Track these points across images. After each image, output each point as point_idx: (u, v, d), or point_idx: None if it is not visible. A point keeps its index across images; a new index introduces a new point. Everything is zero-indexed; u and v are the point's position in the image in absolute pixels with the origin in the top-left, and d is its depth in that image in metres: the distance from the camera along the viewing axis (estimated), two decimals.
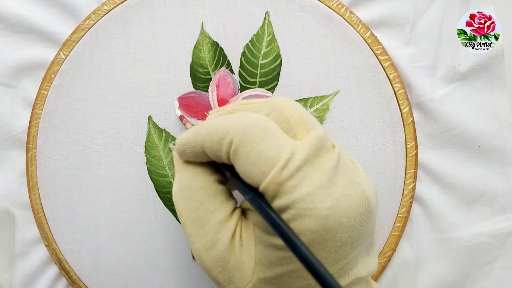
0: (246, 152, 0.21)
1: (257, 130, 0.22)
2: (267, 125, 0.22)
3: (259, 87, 0.35)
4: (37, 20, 0.36)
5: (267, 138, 0.22)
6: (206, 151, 0.23)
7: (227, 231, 0.23)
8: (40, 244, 0.35)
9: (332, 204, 0.21)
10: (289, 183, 0.21)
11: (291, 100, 0.24)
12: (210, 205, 0.24)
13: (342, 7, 0.36)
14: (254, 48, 0.35)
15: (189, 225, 0.24)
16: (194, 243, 0.23)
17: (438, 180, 0.36)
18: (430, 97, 0.36)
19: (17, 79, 0.36)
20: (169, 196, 0.35)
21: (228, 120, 0.23)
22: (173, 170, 0.35)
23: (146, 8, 0.35)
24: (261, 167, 0.21)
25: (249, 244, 0.23)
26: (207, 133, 0.23)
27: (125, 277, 0.34)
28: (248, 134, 0.22)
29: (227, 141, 0.22)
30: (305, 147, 0.22)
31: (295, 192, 0.21)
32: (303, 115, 0.24)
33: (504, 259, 0.35)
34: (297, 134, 0.23)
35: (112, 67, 0.35)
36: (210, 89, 0.35)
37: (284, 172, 0.21)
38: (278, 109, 0.24)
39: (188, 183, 0.24)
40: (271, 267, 0.22)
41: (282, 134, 0.22)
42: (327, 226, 0.21)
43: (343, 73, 0.35)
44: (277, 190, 0.21)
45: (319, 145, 0.22)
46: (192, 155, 0.24)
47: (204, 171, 0.24)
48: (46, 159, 0.35)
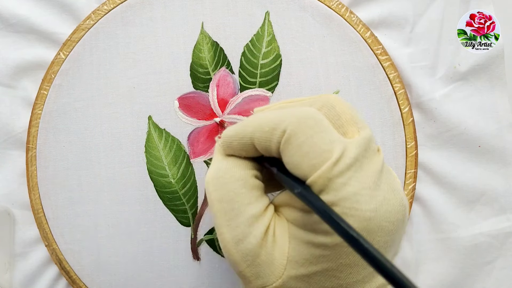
0: (299, 142, 0.21)
1: (311, 122, 0.22)
2: (321, 119, 0.22)
3: (259, 87, 0.35)
4: (37, 20, 0.36)
5: (321, 132, 0.22)
6: (255, 141, 0.23)
7: (261, 226, 0.23)
8: (40, 244, 0.35)
9: (376, 206, 0.21)
10: (339, 180, 0.21)
11: (341, 98, 0.25)
12: (246, 198, 0.23)
13: (342, 7, 0.36)
14: (254, 48, 0.35)
15: (221, 215, 0.23)
16: (224, 234, 0.23)
17: (438, 180, 0.36)
18: (430, 97, 0.36)
19: (17, 79, 0.36)
20: (169, 196, 0.35)
21: (281, 112, 0.23)
22: (173, 170, 0.35)
23: (146, 8, 0.35)
24: (312, 160, 0.21)
25: (282, 241, 0.23)
26: (258, 124, 0.23)
27: (125, 277, 0.34)
28: (302, 125, 0.22)
29: (280, 131, 0.22)
30: (356, 146, 0.22)
31: (343, 190, 0.21)
32: (354, 113, 0.24)
33: (504, 259, 0.35)
34: (348, 132, 0.23)
35: (112, 67, 0.35)
36: (210, 89, 0.35)
37: (336, 168, 0.21)
38: (330, 104, 0.24)
39: (226, 173, 0.24)
40: (305, 264, 0.22)
41: (334, 130, 0.22)
42: (369, 227, 0.21)
43: (343, 73, 0.35)
44: (325, 185, 0.21)
45: (368, 146, 0.22)
46: (238, 147, 0.24)
47: (244, 164, 0.24)
48: (46, 159, 0.35)
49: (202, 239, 0.35)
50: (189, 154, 0.35)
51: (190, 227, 0.35)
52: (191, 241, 0.35)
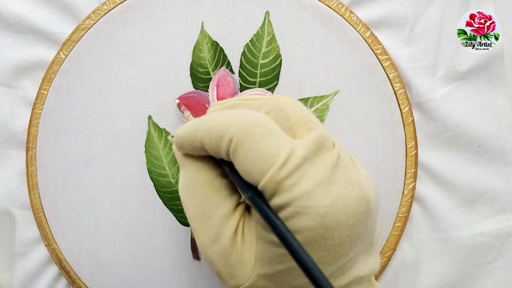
0: (245, 150, 0.22)
1: (257, 128, 0.22)
2: (267, 124, 0.22)
3: (259, 87, 0.35)
4: (37, 20, 0.36)
5: (267, 137, 0.22)
6: (206, 147, 0.23)
7: (230, 226, 0.24)
8: (40, 244, 0.35)
9: (331, 202, 0.21)
10: (288, 182, 0.21)
11: (293, 99, 0.24)
12: (214, 200, 0.24)
13: (342, 7, 0.36)
14: (254, 48, 0.35)
15: (194, 220, 0.24)
16: (199, 237, 0.24)
17: (438, 180, 0.36)
18: (430, 97, 0.36)
19: (17, 79, 0.36)
20: (169, 196, 0.35)
21: (228, 117, 0.23)
22: (173, 170, 0.35)
23: (146, 8, 0.36)
24: (260, 166, 0.21)
25: (250, 240, 0.24)
26: (207, 129, 0.23)
27: (125, 277, 0.34)
28: (248, 133, 0.22)
29: (227, 139, 0.22)
30: (304, 146, 0.22)
31: (293, 191, 0.21)
32: (304, 115, 0.24)
33: (504, 259, 0.35)
34: (297, 134, 0.23)
35: (112, 67, 0.35)
36: (210, 89, 0.35)
37: (283, 170, 0.21)
38: (279, 107, 0.24)
39: (192, 179, 0.24)
40: (270, 263, 0.23)
41: (282, 133, 0.22)
42: (325, 224, 0.21)
43: (343, 73, 0.35)
44: (275, 188, 0.21)
45: (319, 144, 0.22)
46: (191, 149, 0.24)
47: (206, 166, 0.24)
48: (46, 159, 0.35)
49: None
50: None
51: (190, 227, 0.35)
52: (191, 241, 0.35)
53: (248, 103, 0.25)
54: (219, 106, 0.26)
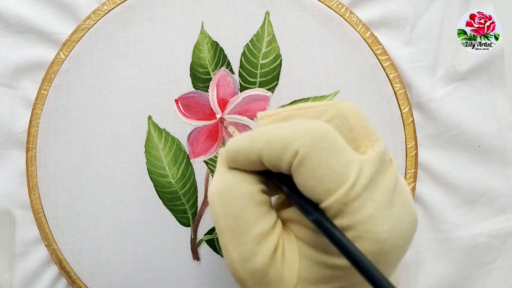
0: (313, 165, 0.20)
1: (325, 143, 0.21)
2: (335, 137, 0.21)
3: (259, 87, 0.35)
4: (37, 20, 0.36)
5: (336, 153, 0.21)
6: (264, 159, 0.22)
7: (269, 244, 0.22)
8: (40, 244, 0.35)
9: (391, 227, 0.20)
10: (355, 204, 0.20)
11: (354, 106, 0.23)
12: (253, 215, 0.22)
13: (342, 7, 0.36)
14: (254, 48, 0.35)
15: (227, 233, 0.22)
16: (230, 252, 0.22)
17: (438, 180, 0.36)
18: (430, 97, 0.36)
19: (17, 79, 0.36)
20: (169, 196, 0.35)
21: (291, 128, 0.21)
22: (173, 170, 0.35)
23: (146, 8, 0.35)
24: (327, 184, 0.20)
25: (292, 259, 0.22)
26: (267, 141, 0.22)
27: (125, 277, 0.34)
28: (316, 146, 0.21)
29: (292, 151, 0.21)
30: (371, 164, 0.21)
31: (359, 214, 0.20)
32: (367, 125, 0.23)
33: (504, 259, 0.35)
34: (361, 145, 0.22)
35: (112, 67, 0.35)
36: (210, 89, 0.35)
37: (352, 192, 0.20)
38: (342, 115, 0.22)
39: (231, 187, 0.22)
40: (316, 283, 0.22)
41: (348, 147, 0.21)
42: (384, 249, 0.20)
43: (343, 73, 0.35)
44: (340, 209, 0.20)
45: (382, 160, 0.22)
46: (245, 163, 0.22)
47: (250, 178, 0.23)
48: (46, 159, 0.35)
49: (202, 239, 0.35)
50: (189, 154, 0.35)
51: (190, 227, 0.35)
52: (191, 241, 0.35)
53: (304, 113, 0.23)
54: (270, 119, 0.24)
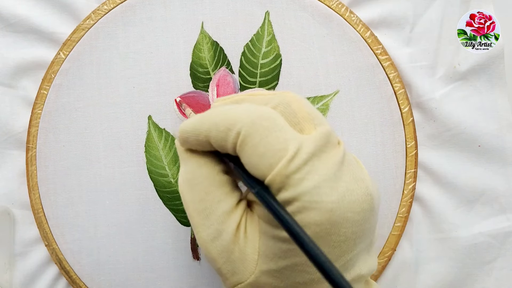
0: (254, 143, 0.21)
1: (266, 122, 0.22)
2: (275, 118, 0.22)
3: (259, 86, 0.35)
4: (37, 20, 0.36)
5: (275, 131, 0.22)
6: (211, 140, 0.23)
7: (232, 222, 0.23)
8: (40, 244, 0.35)
9: (338, 198, 0.21)
10: (296, 176, 0.21)
11: (298, 95, 0.24)
12: (216, 195, 0.23)
13: (342, 6, 0.36)
14: (254, 47, 0.35)
15: (195, 216, 0.24)
16: (200, 233, 0.24)
17: (438, 180, 0.36)
18: (430, 97, 0.36)
19: (17, 79, 0.36)
20: (169, 196, 0.35)
21: (236, 111, 0.23)
22: (173, 169, 0.35)
23: (146, 8, 0.36)
24: (268, 159, 0.21)
25: (253, 236, 0.23)
26: (214, 123, 0.23)
27: (125, 277, 0.34)
28: (257, 126, 0.22)
29: (235, 132, 0.22)
30: (312, 141, 0.22)
31: (301, 185, 0.21)
32: (310, 110, 0.24)
33: (504, 259, 0.35)
34: (304, 129, 0.23)
35: (112, 67, 0.35)
36: (210, 88, 0.35)
37: (291, 165, 0.21)
38: (285, 102, 0.24)
39: (193, 174, 0.24)
40: (274, 259, 0.23)
41: (289, 128, 0.22)
42: (332, 219, 0.21)
43: (343, 73, 0.35)
44: (283, 182, 0.21)
45: (326, 140, 0.22)
46: (195, 143, 0.24)
47: (209, 161, 0.24)
48: (46, 159, 0.35)
49: None
50: None
51: (190, 227, 0.35)
52: (191, 241, 0.35)
53: (253, 98, 0.25)
54: (223, 101, 0.26)
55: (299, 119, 0.23)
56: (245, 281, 0.23)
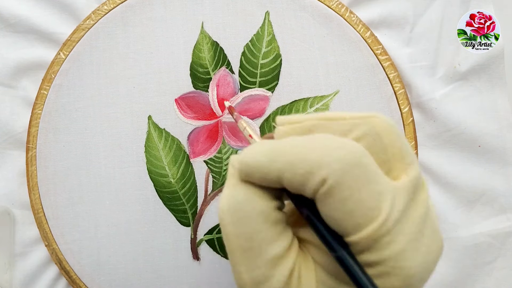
0: (343, 197, 0.18)
1: (358, 171, 0.19)
2: (368, 164, 0.19)
3: (259, 86, 0.35)
4: (37, 20, 0.36)
5: (369, 183, 0.19)
6: (284, 182, 0.20)
7: (285, 268, 0.20)
8: (40, 244, 0.35)
9: (420, 262, 0.19)
10: (385, 239, 0.19)
11: (390, 121, 0.21)
12: (268, 235, 0.20)
13: (342, 7, 0.36)
14: (254, 48, 0.35)
15: (239, 254, 0.20)
16: (241, 274, 0.20)
17: (438, 180, 0.36)
18: (430, 97, 0.36)
19: (17, 79, 0.36)
20: (169, 196, 0.35)
21: (318, 149, 0.19)
22: (173, 170, 0.35)
23: (146, 8, 0.36)
24: (358, 219, 0.18)
25: (308, 285, 0.21)
26: (289, 162, 0.19)
27: (125, 277, 0.34)
28: (348, 176, 0.18)
29: (319, 178, 0.18)
30: (404, 194, 0.19)
31: (389, 249, 0.19)
32: (402, 145, 0.20)
33: (504, 259, 0.35)
34: (393, 169, 0.20)
35: (112, 67, 0.35)
36: (210, 88, 0.35)
37: (384, 227, 0.18)
38: (375, 133, 0.20)
39: (245, 204, 0.20)
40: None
41: (380, 173, 0.19)
42: (411, 284, 0.19)
43: (343, 73, 0.35)
44: (370, 245, 0.19)
45: (416, 187, 0.20)
46: (260, 180, 0.20)
47: (265, 194, 0.20)
48: (46, 159, 0.35)
49: (202, 239, 0.35)
50: (189, 154, 0.35)
51: (190, 227, 0.35)
52: (191, 241, 0.35)
53: (331, 125, 0.21)
54: (291, 127, 0.22)
55: (389, 157, 0.20)
56: None
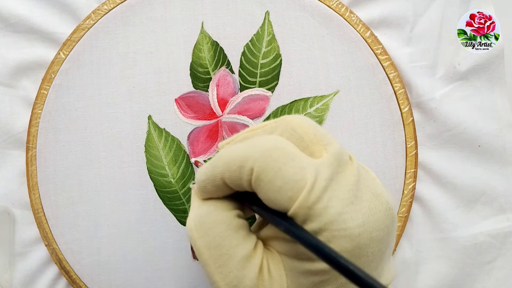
0: (269, 178, 0.21)
1: (277, 153, 0.21)
2: (285, 147, 0.21)
3: (259, 86, 0.35)
4: (37, 20, 0.36)
5: (289, 161, 0.21)
6: (226, 181, 0.22)
7: (254, 266, 0.22)
8: (40, 244, 0.35)
9: (363, 220, 0.21)
10: (319, 206, 0.20)
11: (301, 116, 0.24)
12: (233, 240, 0.22)
13: (342, 6, 0.36)
14: (254, 47, 0.35)
15: (211, 263, 0.22)
16: (217, 282, 0.22)
17: (438, 180, 0.36)
18: (430, 97, 0.36)
19: (17, 79, 0.36)
20: (169, 196, 0.35)
21: (244, 147, 0.22)
22: (173, 169, 0.35)
23: (146, 8, 0.36)
24: (287, 192, 0.20)
25: (279, 275, 0.22)
26: (225, 163, 0.22)
27: (125, 277, 0.34)
28: (268, 159, 0.21)
29: (247, 169, 0.21)
30: (326, 165, 0.21)
31: (326, 214, 0.20)
32: (316, 131, 0.23)
33: (504, 259, 0.35)
34: (314, 152, 0.22)
35: (112, 66, 0.35)
36: (210, 88, 0.35)
37: (312, 195, 0.20)
38: (290, 128, 0.23)
39: (208, 217, 0.23)
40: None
41: (301, 154, 0.22)
42: (361, 243, 0.20)
43: (343, 73, 0.35)
44: (307, 214, 0.20)
45: (339, 159, 0.22)
46: (213, 189, 0.23)
47: (224, 205, 0.23)
48: (46, 159, 0.35)
49: None
50: (189, 154, 0.35)
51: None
52: None
53: (257, 132, 0.24)
54: (227, 143, 0.25)
55: (307, 143, 0.23)
56: None
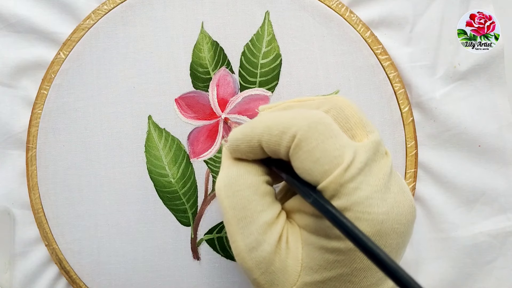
0: (310, 148, 0.21)
1: (322, 127, 0.21)
2: (331, 123, 0.22)
3: (259, 86, 0.35)
4: (37, 20, 0.36)
5: (331, 137, 0.21)
6: (263, 144, 0.23)
7: (274, 233, 0.23)
8: (40, 244, 0.35)
9: (388, 209, 0.21)
10: (351, 185, 0.21)
11: (349, 100, 0.24)
12: (258, 205, 0.23)
13: (342, 6, 0.36)
14: (254, 47, 0.35)
15: (234, 223, 0.23)
16: (237, 242, 0.23)
17: (438, 180, 0.36)
18: (430, 97, 0.36)
19: (17, 79, 0.36)
20: (169, 196, 0.35)
21: (289, 115, 0.22)
22: (173, 169, 0.35)
23: (146, 8, 0.36)
24: (323, 166, 0.21)
25: (295, 247, 0.23)
26: (267, 126, 0.22)
27: (125, 277, 0.34)
28: (313, 130, 0.21)
29: (289, 135, 0.22)
30: (365, 150, 0.22)
31: (355, 195, 0.21)
32: (362, 116, 0.24)
33: (504, 259, 0.35)
34: (356, 135, 0.23)
35: (112, 67, 0.35)
36: (210, 88, 0.35)
37: (347, 173, 0.21)
38: (338, 107, 0.23)
39: (236, 180, 0.23)
40: (319, 270, 0.22)
41: (343, 134, 0.22)
42: (382, 231, 0.21)
43: (343, 73, 0.35)
44: (337, 190, 0.21)
45: (377, 149, 0.22)
46: (246, 150, 0.23)
47: (254, 170, 0.24)
48: (46, 159, 0.35)
49: (202, 238, 0.35)
50: (189, 154, 0.35)
51: (190, 226, 0.35)
52: (191, 240, 0.35)
53: (303, 104, 0.24)
54: (270, 110, 0.25)
55: (352, 125, 0.23)
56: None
